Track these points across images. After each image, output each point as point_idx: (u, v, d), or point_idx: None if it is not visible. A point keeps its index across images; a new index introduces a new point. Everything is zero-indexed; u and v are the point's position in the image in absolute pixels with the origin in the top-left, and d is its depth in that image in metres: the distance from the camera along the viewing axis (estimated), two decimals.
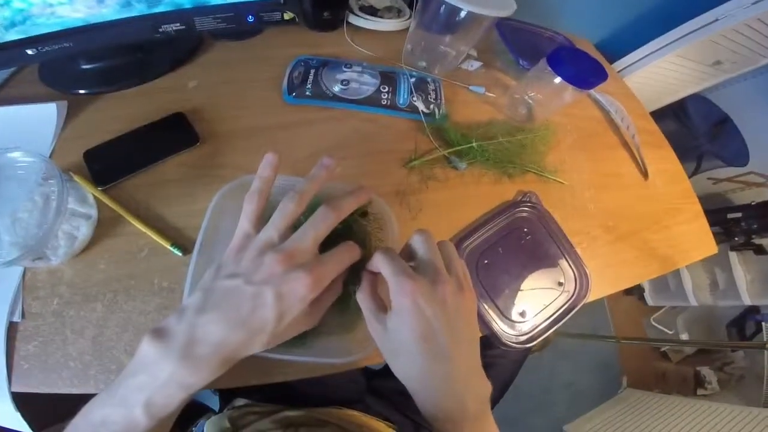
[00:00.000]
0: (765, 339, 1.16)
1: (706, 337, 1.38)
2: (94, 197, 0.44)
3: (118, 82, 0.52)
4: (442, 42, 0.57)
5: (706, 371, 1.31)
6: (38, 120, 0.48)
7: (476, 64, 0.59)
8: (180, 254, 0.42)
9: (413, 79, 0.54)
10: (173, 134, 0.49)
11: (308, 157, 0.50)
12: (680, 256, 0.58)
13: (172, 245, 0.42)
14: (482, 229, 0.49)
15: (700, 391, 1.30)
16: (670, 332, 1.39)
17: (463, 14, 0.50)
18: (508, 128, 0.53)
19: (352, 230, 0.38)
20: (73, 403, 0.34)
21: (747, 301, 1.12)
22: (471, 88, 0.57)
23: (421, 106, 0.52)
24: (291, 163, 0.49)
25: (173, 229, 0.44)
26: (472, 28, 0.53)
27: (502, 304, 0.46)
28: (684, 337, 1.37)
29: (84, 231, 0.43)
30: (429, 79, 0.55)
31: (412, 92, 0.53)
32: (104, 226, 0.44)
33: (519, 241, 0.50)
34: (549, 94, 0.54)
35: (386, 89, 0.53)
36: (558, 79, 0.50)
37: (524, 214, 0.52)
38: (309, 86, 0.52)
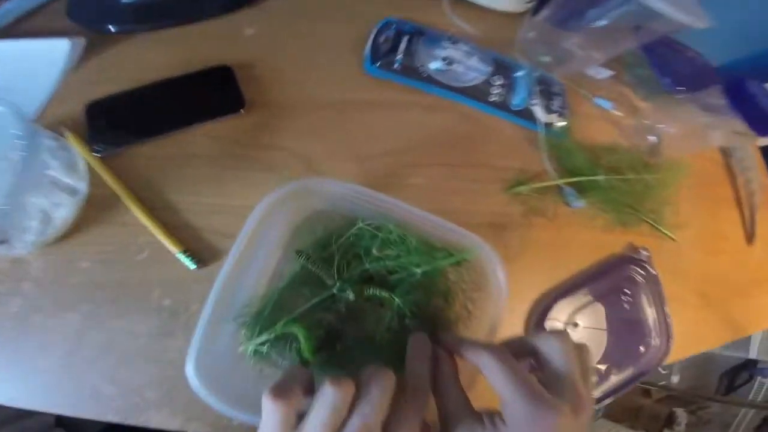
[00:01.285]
0: (751, 395, 1.17)
1: (696, 381, 1.38)
2: (87, 166, 0.31)
3: (156, 19, 0.38)
4: (570, 40, 0.43)
5: (680, 412, 1.33)
6: (48, 58, 0.35)
7: (605, 72, 0.46)
8: (193, 267, 0.31)
9: (535, 75, 0.41)
10: (212, 93, 0.36)
11: (381, 154, 0.38)
12: (752, 326, 0.53)
13: (183, 252, 0.31)
14: (584, 287, 0.40)
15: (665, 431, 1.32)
16: (664, 372, 1.39)
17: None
18: (632, 160, 0.42)
19: (431, 285, 0.31)
20: None
21: (754, 354, 1.10)
22: (596, 100, 0.45)
23: (539, 113, 0.40)
24: (357, 158, 0.37)
25: (189, 228, 0.32)
26: (622, 35, 0.40)
27: None
28: (675, 379, 1.36)
29: (66, 211, 0.30)
30: (552, 80, 0.43)
31: (533, 93, 0.40)
32: (95, 209, 0.32)
33: (616, 305, 0.43)
34: (693, 129, 0.43)
35: (500, 82, 0.40)
36: (722, 117, 0.38)
37: (630, 274, 0.43)
38: (399, 57, 0.39)
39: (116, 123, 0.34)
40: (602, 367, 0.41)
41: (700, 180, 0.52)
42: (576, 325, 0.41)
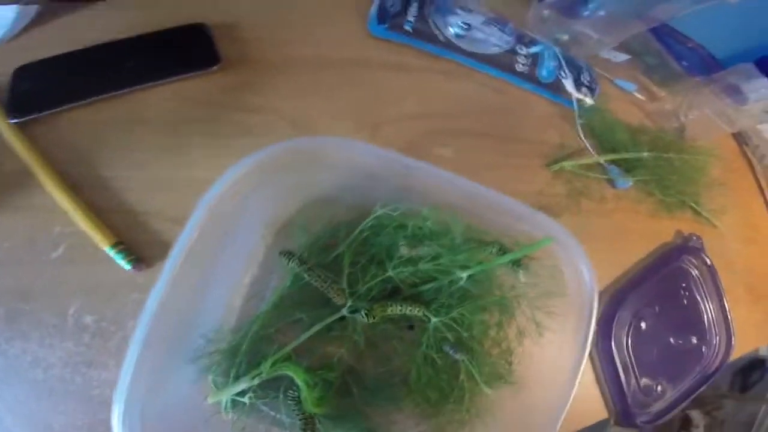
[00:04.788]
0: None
1: None
2: None
3: None
4: (581, 23, 0.41)
5: (695, 414, 1.25)
6: None
7: (621, 56, 0.44)
8: (128, 267, 0.22)
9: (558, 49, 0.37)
10: (178, 50, 0.28)
11: (399, 119, 0.31)
12: None
13: (114, 247, 0.22)
14: (645, 282, 0.34)
15: None
16: None
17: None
18: (667, 141, 0.38)
19: (480, 294, 0.24)
20: None
21: (764, 352, 1.09)
22: (617, 81, 0.42)
23: (570, 87, 0.35)
24: (368, 122, 0.30)
25: (125, 212, 0.24)
26: (627, 21, 0.39)
27: (644, 377, 0.35)
28: None
29: None
30: (574, 58, 0.39)
31: (561, 65, 0.36)
32: None
33: (675, 300, 0.38)
34: (717, 113, 0.40)
35: (524, 51, 0.35)
36: (754, 96, 0.36)
37: (685, 266, 0.38)
38: (411, 19, 0.33)
39: (47, 86, 0.26)
40: (661, 381, 0.35)
41: (724, 167, 0.50)
42: (642, 327, 0.34)
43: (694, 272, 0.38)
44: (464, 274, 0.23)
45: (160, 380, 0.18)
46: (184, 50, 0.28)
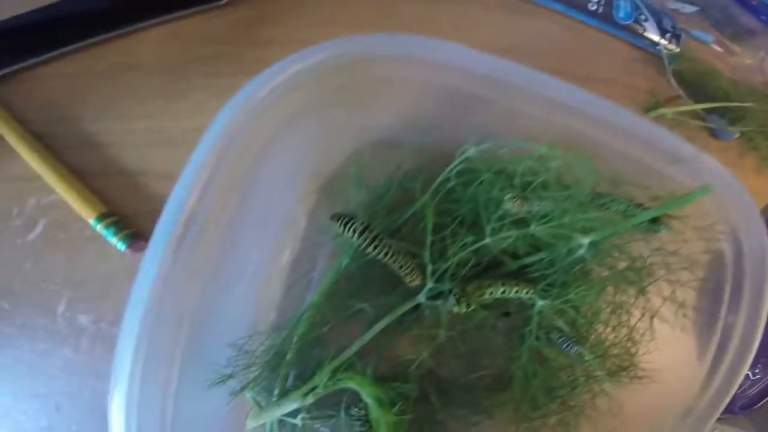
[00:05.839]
0: None
1: None
2: None
3: None
4: None
5: None
6: None
7: (690, 8, 0.39)
8: (123, 247, 0.17)
9: None
10: None
11: None
12: None
13: (102, 219, 0.16)
14: None
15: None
16: None
17: None
18: (759, 94, 0.33)
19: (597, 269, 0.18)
20: None
21: None
22: (694, 32, 0.37)
23: (653, 31, 0.30)
24: None
25: (117, 176, 0.18)
26: None
27: None
28: None
29: None
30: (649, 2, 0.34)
31: (639, 7, 0.30)
32: None
33: None
34: None
35: None
36: None
37: None
38: None
39: (15, 36, 0.20)
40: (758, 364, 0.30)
41: None
42: None
43: None
44: (586, 241, 0.17)
45: (177, 406, 0.12)
46: None
